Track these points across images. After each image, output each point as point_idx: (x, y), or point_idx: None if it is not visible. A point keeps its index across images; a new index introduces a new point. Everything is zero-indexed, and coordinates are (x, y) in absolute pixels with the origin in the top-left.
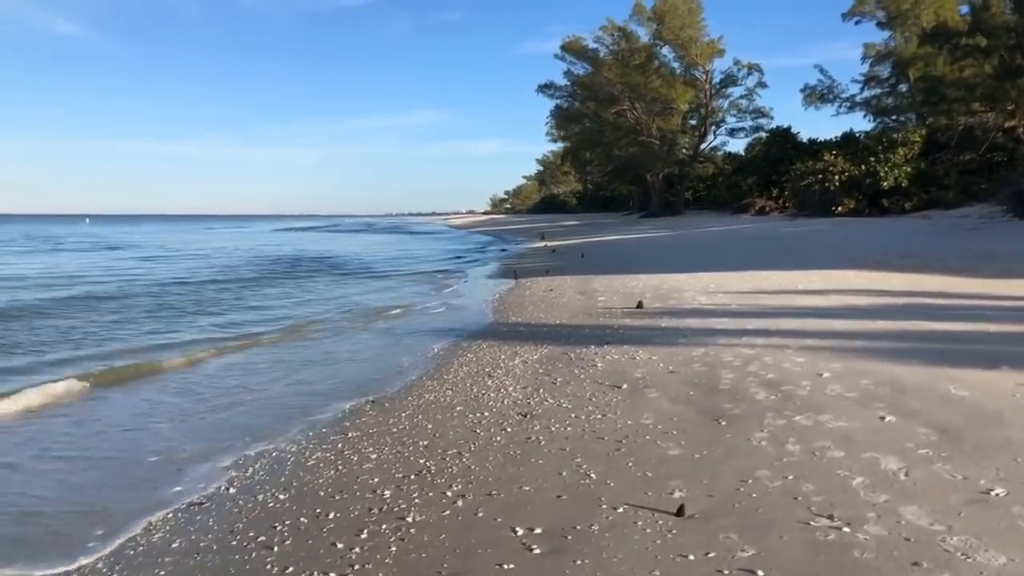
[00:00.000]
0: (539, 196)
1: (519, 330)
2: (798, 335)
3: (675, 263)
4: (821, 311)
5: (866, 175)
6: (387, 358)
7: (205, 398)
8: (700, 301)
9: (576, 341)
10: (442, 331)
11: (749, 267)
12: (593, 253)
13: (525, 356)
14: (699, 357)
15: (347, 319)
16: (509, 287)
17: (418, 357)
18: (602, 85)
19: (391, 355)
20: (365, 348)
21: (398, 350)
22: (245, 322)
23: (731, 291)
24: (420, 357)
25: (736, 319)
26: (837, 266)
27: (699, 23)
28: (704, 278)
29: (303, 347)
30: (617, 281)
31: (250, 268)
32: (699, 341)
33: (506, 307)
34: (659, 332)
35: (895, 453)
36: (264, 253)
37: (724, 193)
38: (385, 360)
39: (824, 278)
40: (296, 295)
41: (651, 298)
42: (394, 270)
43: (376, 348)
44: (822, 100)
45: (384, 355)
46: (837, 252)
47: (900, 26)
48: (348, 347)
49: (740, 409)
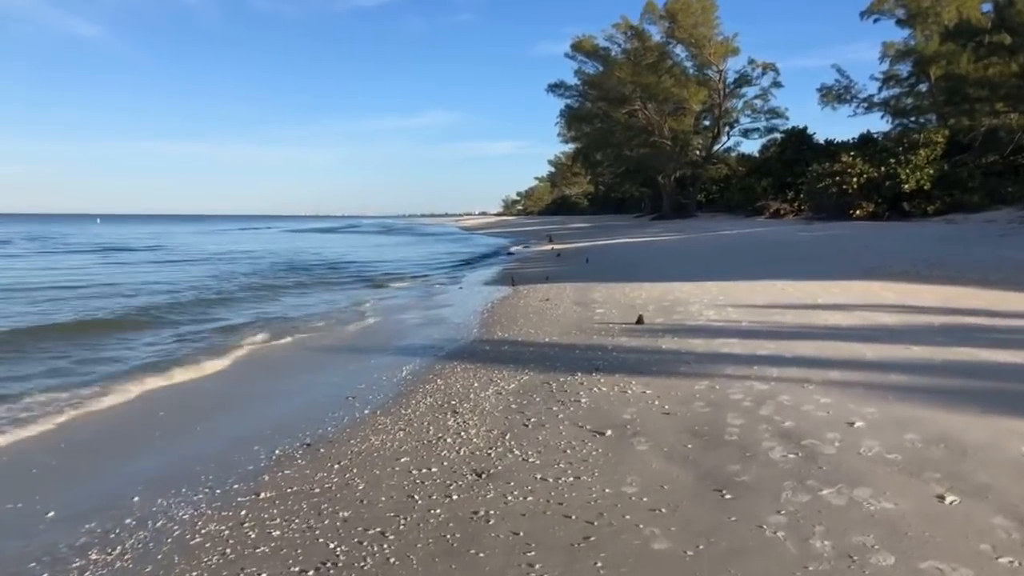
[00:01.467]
0: (551, 198)
1: (502, 349)
2: (820, 364)
3: (683, 270)
4: (845, 332)
5: (886, 177)
6: (347, 383)
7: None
8: (707, 316)
9: (563, 365)
10: (418, 349)
11: (762, 275)
12: (598, 257)
13: (501, 385)
14: (702, 393)
15: (319, 333)
16: (504, 295)
17: (380, 383)
18: (613, 85)
19: (352, 379)
20: (326, 369)
21: (361, 373)
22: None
23: (742, 304)
24: (383, 383)
25: (747, 340)
26: (859, 276)
27: (713, 21)
28: (713, 288)
29: (259, 367)
30: (619, 290)
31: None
32: (703, 369)
33: (495, 320)
34: (658, 356)
35: (968, 564)
36: (282, 256)
37: (737, 195)
38: (343, 385)
39: (845, 290)
40: (277, 300)
41: (653, 311)
42: (390, 274)
43: (338, 370)
44: (839, 100)
45: (345, 379)
46: (857, 260)
47: (920, 24)
48: (306, 368)
49: (750, 474)
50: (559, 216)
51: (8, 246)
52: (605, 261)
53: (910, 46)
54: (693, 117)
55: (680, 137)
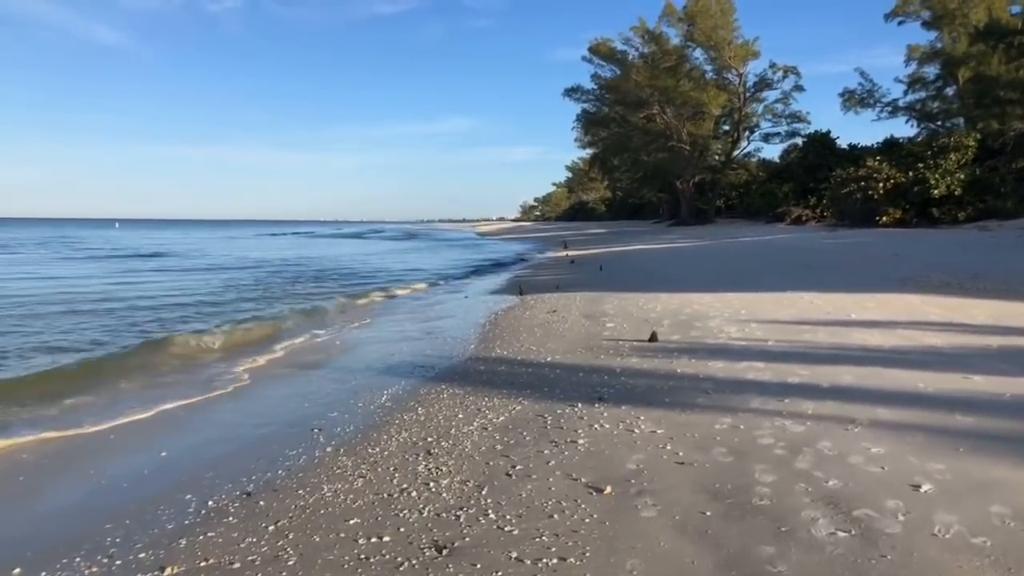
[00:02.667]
0: (568, 203)
1: (498, 370)
2: (864, 398)
3: (702, 279)
4: (888, 356)
5: (914, 182)
6: (318, 409)
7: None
8: (728, 333)
9: (562, 393)
10: (406, 367)
11: (787, 286)
12: (613, 265)
13: (489, 417)
14: (724, 434)
15: (306, 346)
16: (510, 305)
17: (355, 411)
18: (630, 88)
19: (326, 404)
20: (302, 391)
21: (338, 396)
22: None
23: (767, 320)
24: (357, 411)
25: (775, 364)
26: (894, 288)
27: (732, 24)
28: (734, 300)
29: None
30: (632, 301)
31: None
32: (725, 402)
33: (496, 334)
34: (672, 382)
35: None
36: (306, 263)
37: (758, 201)
38: (313, 413)
39: (882, 305)
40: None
41: (669, 326)
42: (396, 281)
43: (314, 392)
44: (862, 105)
45: (318, 404)
46: (889, 269)
47: (947, 25)
48: (281, 388)
49: (788, 562)
50: (576, 222)
51: (7, 251)
52: (620, 269)
53: (937, 48)
54: (712, 121)
55: (699, 142)
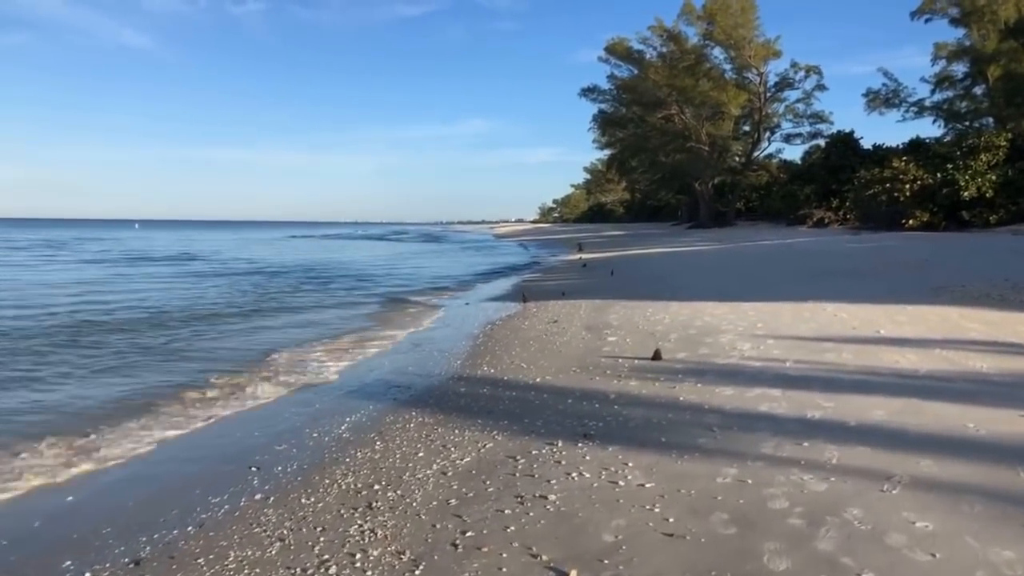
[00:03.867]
0: (586, 205)
1: (479, 394)
2: (902, 442)
3: (716, 286)
4: (927, 384)
5: (942, 184)
6: (266, 440)
7: None
8: (741, 351)
9: (544, 426)
10: (379, 387)
11: (808, 295)
12: (626, 269)
13: (453, 457)
14: (727, 492)
15: (276, 367)
16: (510, 313)
17: (305, 444)
18: (648, 88)
19: (277, 433)
20: (253, 417)
21: (293, 423)
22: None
23: (785, 335)
24: (308, 444)
25: (792, 392)
26: (927, 298)
27: (753, 22)
28: (750, 312)
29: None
30: (639, 311)
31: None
32: (732, 444)
33: (487, 348)
34: (671, 415)
35: None
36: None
37: (779, 203)
38: (258, 446)
39: (914, 318)
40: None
41: (676, 341)
42: (401, 287)
43: (270, 417)
44: (887, 105)
45: (269, 432)
46: (920, 277)
47: (976, 22)
48: (238, 411)
49: None
50: (594, 224)
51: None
52: (632, 273)
53: (966, 46)
54: (732, 122)
55: (718, 142)
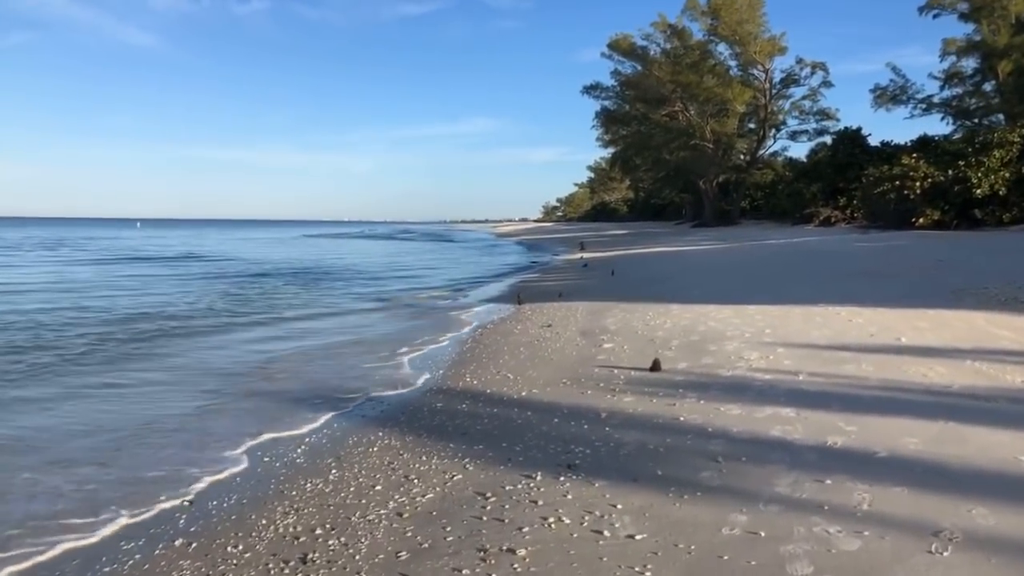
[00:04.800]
0: (590, 204)
1: (457, 410)
2: (946, 482)
3: (721, 287)
4: (963, 403)
5: (954, 181)
6: (190, 462)
7: None
8: (749, 362)
9: (524, 452)
10: (348, 400)
11: (819, 298)
12: (627, 269)
13: (415, 492)
14: (734, 549)
15: (246, 375)
16: (503, 316)
17: (253, 467)
18: (651, 85)
19: (203, 454)
20: (217, 430)
21: (249, 443)
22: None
23: (796, 343)
24: (256, 467)
25: (809, 412)
26: (947, 302)
27: (759, 17)
28: (756, 315)
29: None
30: (639, 314)
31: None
32: (741, 480)
33: (473, 355)
34: (671, 439)
35: None
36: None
37: (784, 201)
38: (200, 472)
39: (937, 325)
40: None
41: (677, 349)
42: (400, 292)
43: (229, 431)
44: (894, 101)
45: (196, 448)
46: (937, 279)
47: (986, 17)
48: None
49: None
50: (598, 223)
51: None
52: (633, 273)
53: (976, 41)
54: (737, 119)
55: (723, 140)
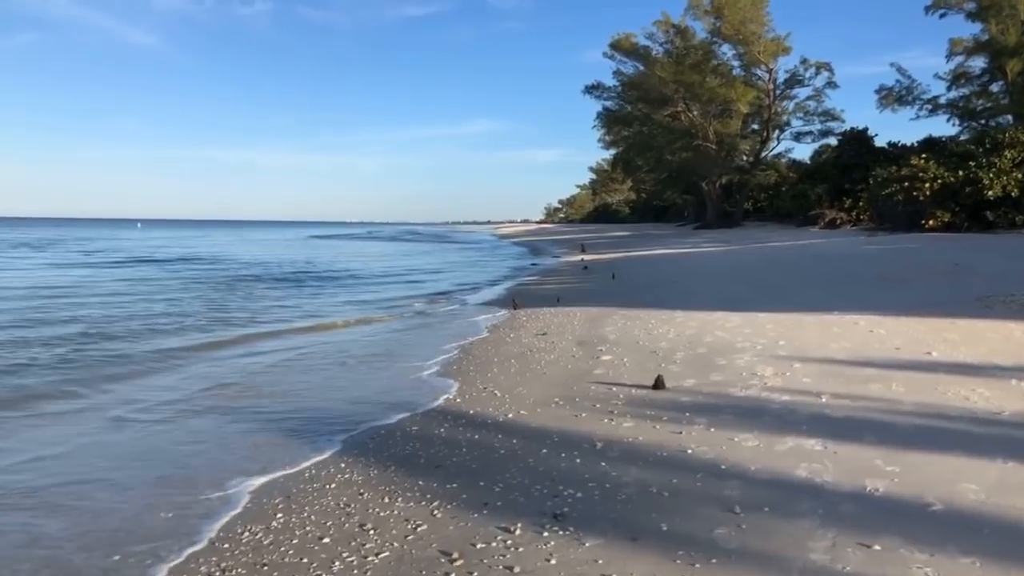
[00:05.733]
0: (592, 206)
1: (435, 435)
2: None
3: (727, 292)
4: (1022, 437)
5: (965, 183)
6: (124, 506)
7: None
8: (763, 379)
9: (504, 493)
10: (313, 425)
11: (833, 304)
12: (628, 272)
13: (365, 550)
14: None
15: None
16: (496, 323)
17: (182, 518)
18: (654, 85)
19: (149, 501)
20: (157, 455)
21: (186, 476)
22: None
23: (813, 357)
24: (188, 517)
25: (838, 445)
26: (975, 311)
27: (763, 17)
28: (767, 324)
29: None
30: (641, 322)
31: None
32: (763, 538)
33: (460, 368)
34: (677, 479)
35: None
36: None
37: (789, 203)
38: (113, 521)
39: (969, 336)
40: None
41: (683, 363)
42: (392, 298)
43: (151, 458)
44: (900, 102)
45: (135, 502)
46: (957, 284)
47: (994, 16)
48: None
49: None
50: (599, 224)
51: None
52: (635, 277)
53: (984, 40)
54: (740, 120)
55: (726, 141)
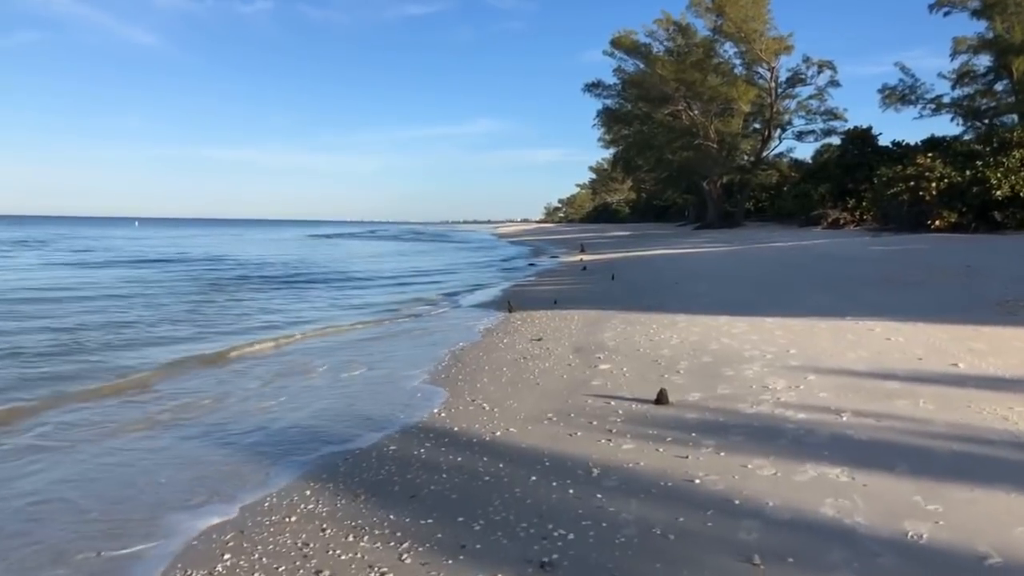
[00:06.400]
0: (592, 205)
1: (413, 457)
2: None
3: (731, 295)
4: None
5: (972, 182)
6: (60, 537)
7: None
8: (776, 393)
9: (484, 532)
10: (280, 433)
11: (844, 309)
12: (628, 273)
13: None
14: None
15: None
16: (489, 327)
17: (113, 558)
18: (654, 83)
19: (48, 555)
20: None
21: (133, 505)
22: None
23: (829, 368)
24: (121, 557)
25: (867, 477)
26: (997, 316)
27: (765, 15)
28: (776, 330)
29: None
30: (641, 327)
31: None
32: None
33: (449, 377)
34: (684, 516)
35: None
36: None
37: (791, 203)
38: (32, 555)
39: (996, 345)
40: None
41: (687, 373)
42: (384, 299)
43: (92, 478)
44: (903, 101)
45: (68, 532)
46: (973, 288)
47: (1000, 14)
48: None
49: None
50: (599, 224)
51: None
52: (635, 278)
53: (990, 38)
54: (741, 119)
55: (727, 140)
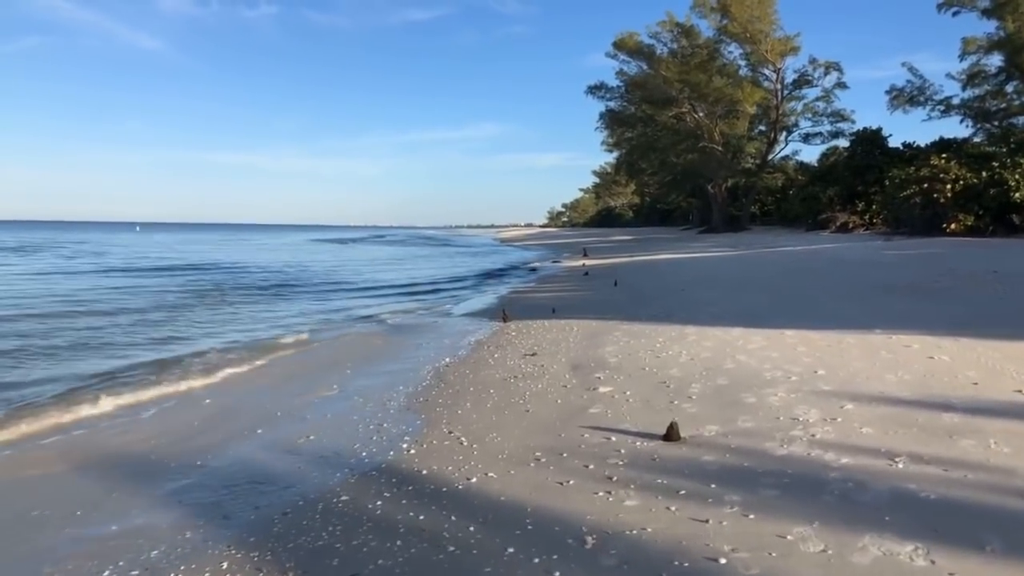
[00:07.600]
0: (595, 209)
1: (367, 511)
2: None
3: (743, 303)
4: None
5: (989, 184)
6: None
7: None
8: (807, 427)
9: None
10: (205, 477)
11: (869, 320)
12: (632, 279)
13: None
14: None
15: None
16: (480, 339)
17: None
18: (658, 85)
19: None
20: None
21: None
22: None
23: (867, 394)
24: None
25: (947, 561)
26: None
27: (770, 16)
28: (799, 346)
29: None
30: (646, 340)
31: None
32: None
33: (427, 403)
34: None
35: None
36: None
37: (798, 207)
38: None
39: None
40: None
41: (700, 399)
42: (375, 307)
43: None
44: (911, 103)
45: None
46: (1009, 296)
47: (1011, 13)
48: None
49: None
50: (602, 228)
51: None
52: (639, 284)
53: (1000, 37)
54: (747, 121)
55: (732, 143)
